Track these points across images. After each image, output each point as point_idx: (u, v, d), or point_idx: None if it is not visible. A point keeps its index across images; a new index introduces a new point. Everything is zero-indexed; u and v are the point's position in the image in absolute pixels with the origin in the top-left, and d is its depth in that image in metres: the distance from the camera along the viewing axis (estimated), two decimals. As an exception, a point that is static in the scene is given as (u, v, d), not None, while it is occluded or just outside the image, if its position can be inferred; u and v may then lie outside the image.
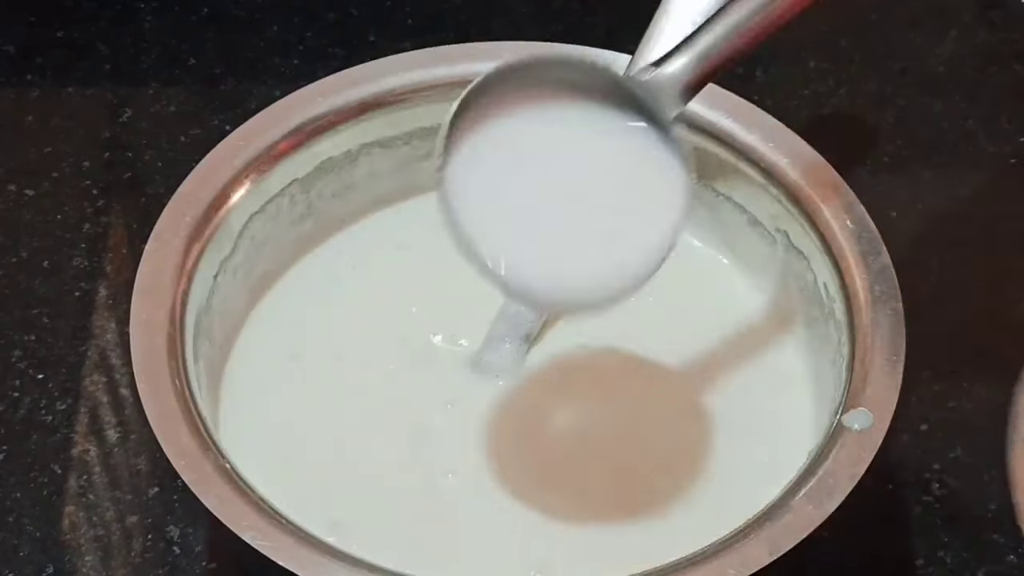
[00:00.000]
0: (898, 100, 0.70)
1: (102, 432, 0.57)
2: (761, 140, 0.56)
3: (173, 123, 0.68)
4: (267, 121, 0.57)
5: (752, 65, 0.70)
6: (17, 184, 0.65)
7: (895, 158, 0.67)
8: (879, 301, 0.52)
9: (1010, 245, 0.64)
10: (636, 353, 0.56)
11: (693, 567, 0.46)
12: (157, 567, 0.54)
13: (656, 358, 0.56)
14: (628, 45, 0.70)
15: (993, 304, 0.62)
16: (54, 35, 0.71)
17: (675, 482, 0.52)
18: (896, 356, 0.50)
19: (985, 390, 0.59)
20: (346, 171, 0.58)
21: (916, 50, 0.72)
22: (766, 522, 0.46)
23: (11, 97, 0.69)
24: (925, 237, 0.64)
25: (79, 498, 0.55)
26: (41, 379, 0.59)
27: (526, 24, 0.72)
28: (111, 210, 0.64)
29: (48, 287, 0.62)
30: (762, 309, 0.57)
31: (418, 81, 0.58)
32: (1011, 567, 0.54)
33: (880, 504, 0.56)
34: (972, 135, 0.68)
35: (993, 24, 0.73)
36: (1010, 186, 0.66)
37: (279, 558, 0.45)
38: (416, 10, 0.72)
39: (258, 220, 0.56)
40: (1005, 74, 0.71)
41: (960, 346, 0.60)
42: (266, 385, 0.55)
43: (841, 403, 0.49)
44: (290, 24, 0.72)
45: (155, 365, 0.50)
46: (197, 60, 0.70)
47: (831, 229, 0.54)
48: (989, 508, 0.56)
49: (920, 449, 0.57)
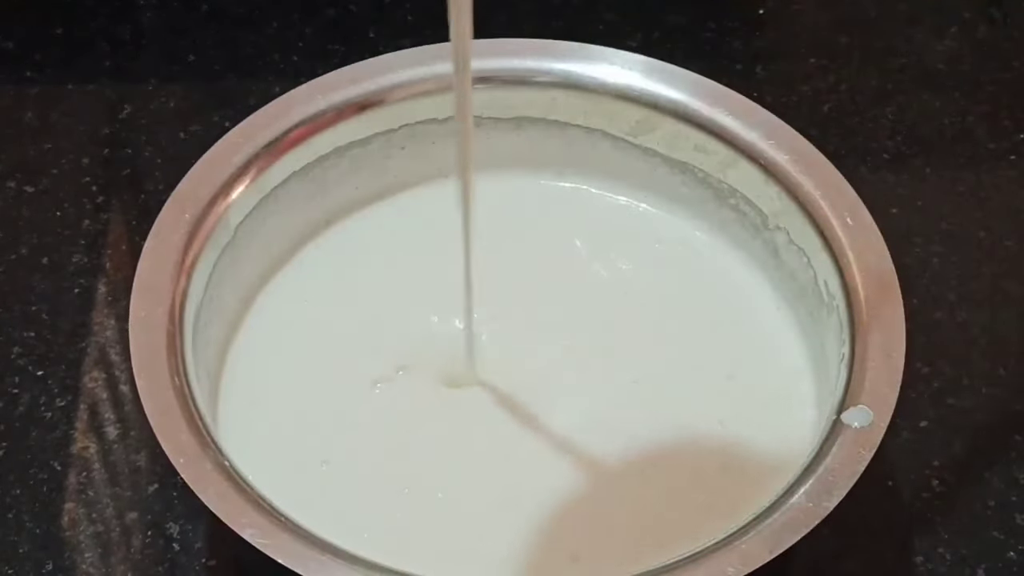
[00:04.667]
0: (898, 97, 0.70)
1: (101, 429, 0.57)
2: (761, 137, 0.56)
3: (172, 120, 0.68)
4: (266, 118, 0.57)
5: (752, 62, 0.71)
6: (16, 181, 0.65)
7: (895, 155, 0.67)
8: (879, 298, 0.52)
9: (1011, 242, 0.64)
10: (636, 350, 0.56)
11: (692, 565, 0.46)
12: (156, 564, 0.54)
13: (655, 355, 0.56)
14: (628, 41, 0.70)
15: (993, 301, 0.62)
16: (53, 32, 0.71)
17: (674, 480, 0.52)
18: (896, 353, 0.50)
19: (985, 387, 0.59)
20: (345, 167, 0.58)
21: (916, 47, 0.72)
22: (766, 519, 0.46)
23: (10, 94, 0.69)
24: (925, 234, 0.64)
25: (79, 495, 0.55)
26: (40, 376, 0.59)
27: (526, 20, 0.72)
28: (110, 207, 0.64)
29: (47, 284, 0.62)
30: (762, 306, 0.57)
31: (417, 78, 0.58)
32: (1010, 564, 0.54)
33: (880, 501, 0.56)
34: (972, 132, 0.68)
35: (993, 21, 0.73)
36: (1010, 183, 0.66)
37: (278, 555, 0.45)
38: (415, 7, 0.72)
39: (257, 217, 0.56)
40: (1005, 71, 0.71)
41: (960, 343, 0.60)
42: (265, 382, 0.55)
43: (841, 400, 0.49)
44: (289, 21, 0.72)
45: (154, 362, 0.50)
46: (196, 57, 0.70)
47: (831, 226, 0.54)
48: (988, 505, 0.56)
49: (920, 446, 0.57)
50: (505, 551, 0.50)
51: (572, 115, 0.59)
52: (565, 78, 0.59)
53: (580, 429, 0.54)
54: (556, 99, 0.59)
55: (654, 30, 0.71)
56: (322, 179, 0.58)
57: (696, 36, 0.72)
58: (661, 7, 0.71)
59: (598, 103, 0.58)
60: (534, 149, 0.60)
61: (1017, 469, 0.57)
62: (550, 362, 0.55)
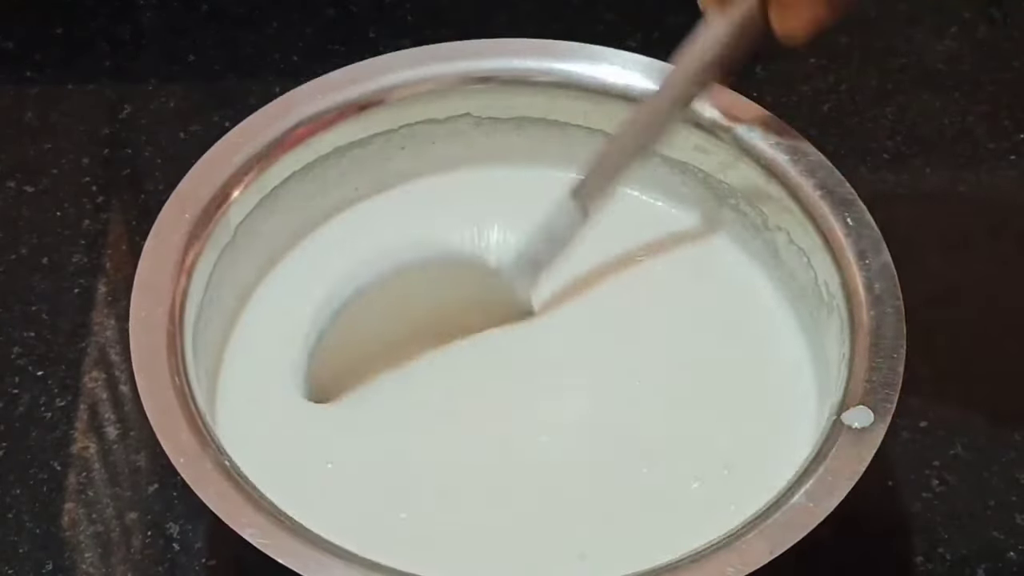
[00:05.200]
0: (898, 97, 0.70)
1: (101, 429, 0.57)
2: (761, 137, 0.56)
3: (173, 120, 0.68)
4: (267, 118, 0.57)
5: (752, 62, 0.70)
6: (16, 181, 0.65)
7: (895, 155, 0.67)
8: (879, 299, 0.52)
9: (1010, 242, 0.64)
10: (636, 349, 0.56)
11: (692, 565, 0.46)
12: (156, 564, 0.54)
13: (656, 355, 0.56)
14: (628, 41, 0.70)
15: (993, 300, 0.62)
16: (53, 32, 0.71)
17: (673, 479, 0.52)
18: (896, 354, 0.50)
19: (985, 387, 0.59)
20: (345, 167, 0.58)
21: (916, 47, 0.72)
22: (766, 520, 0.46)
23: (11, 94, 0.69)
24: (925, 234, 0.64)
25: (79, 495, 0.55)
26: (40, 376, 0.59)
27: (526, 21, 0.72)
28: (110, 207, 0.64)
29: (48, 284, 0.62)
30: (762, 306, 0.57)
31: (417, 78, 0.58)
32: (1010, 564, 0.54)
33: (880, 502, 0.56)
34: (972, 132, 0.68)
35: (993, 21, 0.73)
36: (1010, 183, 0.66)
37: (278, 555, 0.45)
38: (416, 7, 0.72)
39: (257, 217, 0.56)
40: (1005, 71, 0.71)
41: (960, 343, 0.60)
42: (265, 382, 0.54)
43: (841, 400, 0.49)
44: (290, 21, 0.72)
45: (154, 362, 0.50)
46: (197, 57, 0.70)
47: (831, 226, 0.54)
48: (989, 505, 0.56)
49: (920, 446, 0.57)
50: (512, 549, 0.50)
51: (572, 115, 0.59)
52: (565, 78, 0.59)
53: (581, 427, 0.54)
54: (556, 99, 0.59)
55: (654, 30, 0.71)
56: (322, 179, 0.58)
57: (696, 36, 0.72)
58: (661, 7, 0.71)
59: (598, 103, 0.58)
60: (534, 149, 0.60)
61: (1017, 469, 0.57)
62: (551, 360, 0.55)
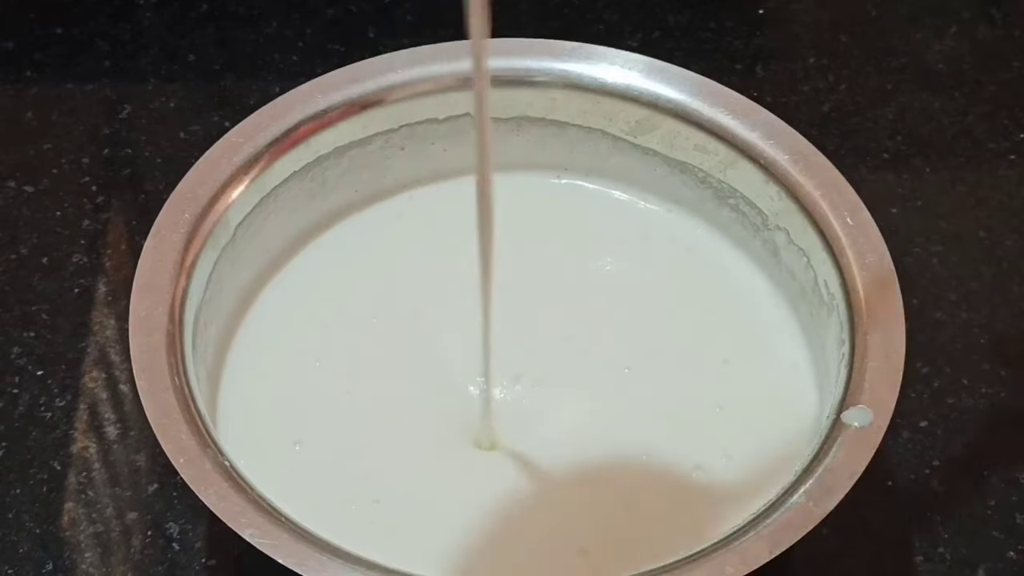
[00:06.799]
0: (898, 96, 0.70)
1: (101, 429, 0.57)
2: (761, 137, 0.56)
3: (172, 119, 0.68)
4: (266, 118, 0.57)
5: (752, 61, 0.71)
6: (16, 180, 0.65)
7: (895, 155, 0.67)
8: (879, 298, 0.52)
9: (1010, 242, 0.64)
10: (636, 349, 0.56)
11: (692, 565, 0.46)
12: (156, 564, 0.54)
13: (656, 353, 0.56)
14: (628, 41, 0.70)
15: (993, 300, 0.62)
16: (53, 31, 0.71)
17: (673, 478, 0.52)
18: (896, 353, 0.50)
19: (985, 387, 0.59)
20: (345, 166, 0.58)
21: (916, 46, 0.72)
22: (766, 519, 0.46)
23: (10, 93, 0.69)
24: (925, 234, 0.64)
25: (78, 495, 0.55)
26: (40, 375, 0.59)
27: (526, 21, 0.72)
28: (110, 207, 0.64)
29: (47, 284, 0.62)
30: (761, 306, 0.57)
31: (417, 78, 0.58)
32: (1010, 564, 0.54)
33: (880, 501, 0.56)
34: (972, 132, 0.68)
35: (993, 20, 0.73)
36: (1010, 183, 0.66)
37: (278, 555, 0.45)
38: (415, 7, 0.72)
39: (257, 217, 0.56)
40: (1005, 71, 0.71)
41: (960, 343, 0.60)
42: (265, 382, 0.55)
43: (841, 400, 0.49)
44: (289, 20, 0.72)
45: (154, 362, 0.50)
46: (196, 56, 0.70)
47: (831, 226, 0.54)
48: (988, 505, 0.56)
49: (920, 446, 0.57)
50: (513, 546, 0.50)
51: (572, 115, 0.59)
52: (565, 78, 0.59)
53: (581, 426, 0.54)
54: (556, 99, 0.59)
55: (654, 30, 0.71)
56: (322, 179, 0.58)
57: (696, 36, 0.72)
58: (661, 7, 0.71)
59: (598, 103, 0.58)
60: (534, 149, 0.60)
61: (1017, 469, 0.57)
62: (551, 359, 0.55)
